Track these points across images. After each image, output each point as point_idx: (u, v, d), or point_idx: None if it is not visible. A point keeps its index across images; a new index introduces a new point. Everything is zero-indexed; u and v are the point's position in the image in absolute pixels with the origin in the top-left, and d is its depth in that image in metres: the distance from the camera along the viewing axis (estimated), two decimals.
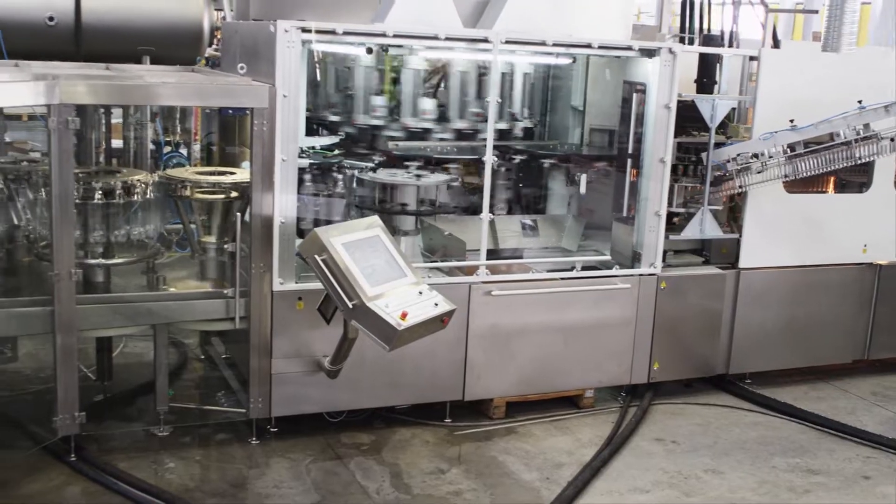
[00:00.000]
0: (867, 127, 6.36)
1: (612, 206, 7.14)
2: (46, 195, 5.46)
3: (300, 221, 6.20)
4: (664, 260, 6.83)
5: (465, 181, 7.00)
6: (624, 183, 6.90)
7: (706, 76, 7.24)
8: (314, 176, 6.47)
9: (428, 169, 6.72)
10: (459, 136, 6.92)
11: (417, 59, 6.76)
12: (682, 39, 8.71)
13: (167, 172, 6.15)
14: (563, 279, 6.53)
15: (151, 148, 8.97)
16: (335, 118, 6.95)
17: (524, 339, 6.44)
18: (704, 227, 6.83)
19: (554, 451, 6.11)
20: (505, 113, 7.12)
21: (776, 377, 7.45)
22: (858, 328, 7.57)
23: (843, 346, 7.55)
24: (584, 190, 7.11)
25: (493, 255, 6.77)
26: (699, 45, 7.44)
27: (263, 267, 5.72)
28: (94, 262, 5.75)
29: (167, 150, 9.48)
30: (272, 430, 6.05)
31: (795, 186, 7.04)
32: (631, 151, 6.79)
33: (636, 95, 6.69)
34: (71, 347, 5.37)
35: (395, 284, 5.31)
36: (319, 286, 5.30)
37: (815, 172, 6.57)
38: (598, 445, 6.19)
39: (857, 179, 7.52)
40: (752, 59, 6.98)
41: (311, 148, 6.72)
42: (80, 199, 5.51)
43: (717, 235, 6.92)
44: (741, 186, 6.76)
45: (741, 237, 7.02)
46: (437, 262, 6.50)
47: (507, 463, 5.92)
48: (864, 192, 7.44)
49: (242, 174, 6.08)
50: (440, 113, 6.91)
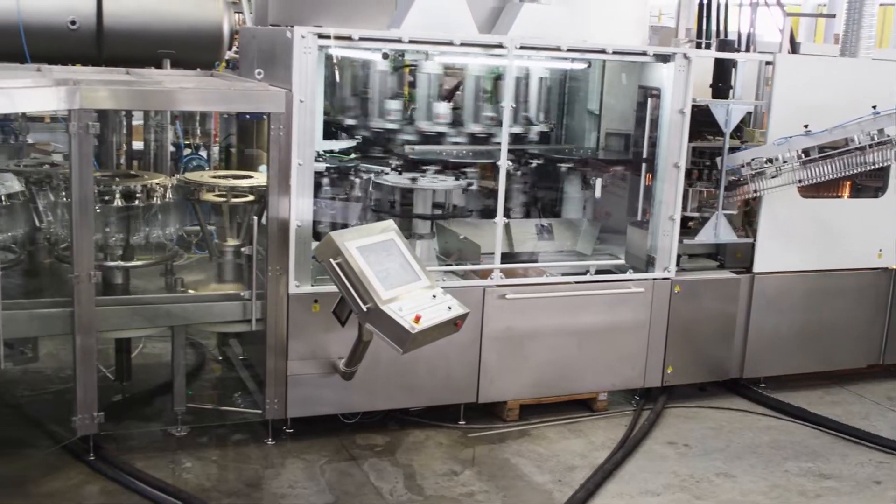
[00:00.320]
0: (881, 132, 6.37)
1: (627, 210, 7.18)
2: (67, 198, 5.54)
3: (318, 225, 6.29)
4: (679, 264, 6.87)
5: (480, 185, 7.05)
6: (639, 187, 6.93)
7: (722, 81, 7.25)
8: (331, 179, 6.54)
9: (443, 173, 6.77)
10: (474, 140, 6.97)
11: (433, 63, 6.81)
12: (698, 44, 8.74)
13: (185, 176, 6.23)
14: (576, 283, 6.57)
15: (171, 150, 9.08)
16: (352, 122, 7.02)
17: (538, 341, 6.48)
18: (719, 231, 6.84)
19: (567, 453, 6.16)
20: (520, 117, 7.18)
21: (791, 381, 7.46)
22: (873, 333, 7.57)
23: (857, 350, 7.55)
24: (599, 194, 7.14)
25: (508, 258, 6.83)
26: (715, 49, 7.43)
27: (280, 270, 5.79)
28: (113, 264, 5.83)
29: (187, 152, 9.57)
30: (288, 430, 6.12)
31: (810, 191, 7.06)
32: (646, 156, 6.82)
33: (651, 100, 6.72)
34: (90, 348, 5.46)
35: (409, 288, 5.36)
36: (335, 289, 5.36)
37: (829, 177, 6.60)
38: (610, 448, 6.22)
39: (872, 184, 7.52)
40: (768, 63, 7.01)
41: (327, 152, 6.81)
42: (99, 202, 5.58)
43: (731, 240, 6.94)
44: (756, 191, 6.78)
45: (755, 242, 7.04)
46: (451, 265, 6.55)
47: (519, 465, 5.96)
48: (879, 196, 7.44)
49: (259, 178, 6.15)
50: (455, 117, 6.98)
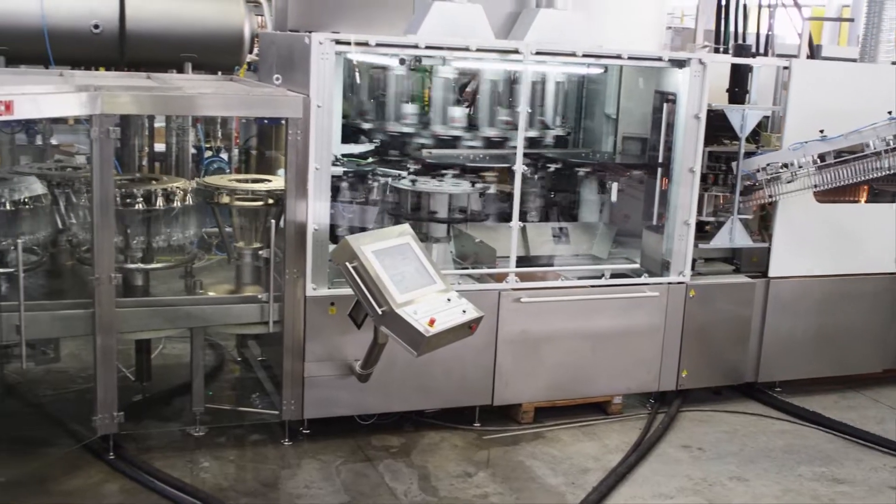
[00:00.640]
0: None
1: (642, 214, 7.21)
2: (88, 201, 5.64)
3: (336, 228, 6.37)
4: (694, 268, 6.90)
5: (496, 188, 7.10)
6: (654, 191, 6.96)
7: (738, 85, 7.25)
8: (348, 183, 6.61)
9: (460, 176, 6.82)
10: (491, 144, 7.03)
11: (450, 68, 6.87)
12: (716, 49, 8.75)
13: (205, 180, 6.31)
14: (591, 286, 6.61)
15: (193, 152, 9.20)
16: (370, 125, 7.09)
17: (553, 345, 6.52)
18: (734, 235, 6.86)
19: (580, 456, 6.20)
20: (536, 121, 7.23)
21: (806, 386, 7.46)
22: (889, 338, 7.56)
23: (873, 355, 7.55)
24: (614, 198, 7.17)
25: (524, 261, 6.89)
26: (732, 54, 7.44)
27: (297, 273, 5.86)
28: (133, 266, 5.92)
29: (208, 154, 9.69)
30: (304, 431, 6.19)
31: (826, 195, 7.05)
32: (661, 160, 6.84)
33: (667, 105, 6.76)
34: (110, 349, 5.55)
35: (424, 291, 5.41)
36: (351, 292, 5.41)
37: (844, 183, 6.60)
38: (624, 451, 6.26)
39: (890, 189, 7.50)
40: (785, 68, 7.02)
41: (345, 155, 6.88)
42: (120, 205, 5.67)
43: (746, 244, 6.96)
44: (771, 196, 6.80)
45: (771, 246, 7.06)
46: (467, 268, 6.61)
47: (533, 467, 6.01)
48: None
49: (277, 182, 6.22)
50: (472, 121, 7.04)
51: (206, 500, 5.37)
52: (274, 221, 5.93)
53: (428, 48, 6.01)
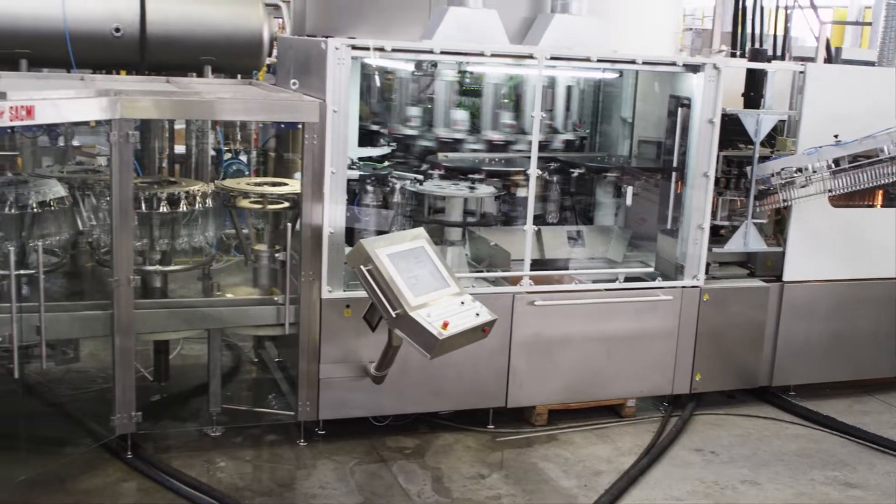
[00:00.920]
0: None
1: (657, 217, 7.24)
2: (107, 204, 5.72)
3: (354, 232, 6.43)
4: (709, 272, 6.92)
5: (511, 192, 7.14)
6: (669, 195, 6.99)
7: (753, 90, 7.26)
8: (364, 187, 6.67)
9: (477, 180, 6.87)
10: (508, 147, 7.09)
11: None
12: (733, 53, 8.77)
13: (223, 183, 6.39)
14: (605, 290, 6.65)
15: (212, 154, 9.28)
16: (387, 129, 7.16)
17: (567, 348, 6.57)
18: (748, 240, 6.88)
19: (593, 458, 6.24)
20: (556, 124, 7.29)
21: (821, 390, 7.47)
22: None
23: (888, 360, 7.53)
24: (629, 201, 7.20)
25: (539, 265, 6.93)
26: (748, 59, 7.47)
27: (313, 275, 5.93)
28: (151, 268, 6.00)
29: (227, 156, 9.76)
30: (320, 432, 6.25)
31: (841, 200, 7.07)
32: (676, 164, 6.87)
33: (681, 110, 6.78)
34: (129, 350, 5.63)
35: (437, 295, 5.46)
36: (366, 294, 5.46)
37: (859, 187, 6.61)
38: (637, 454, 6.29)
39: None
40: (801, 72, 7.03)
41: (362, 159, 6.94)
42: (139, 208, 5.75)
43: (760, 248, 6.98)
44: (785, 200, 6.81)
45: (785, 250, 7.07)
46: (482, 271, 6.66)
47: (546, 469, 6.06)
48: None
49: (294, 185, 6.29)
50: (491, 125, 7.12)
51: (221, 499, 5.45)
52: (290, 224, 6.00)
53: (443, 53, 6.07)
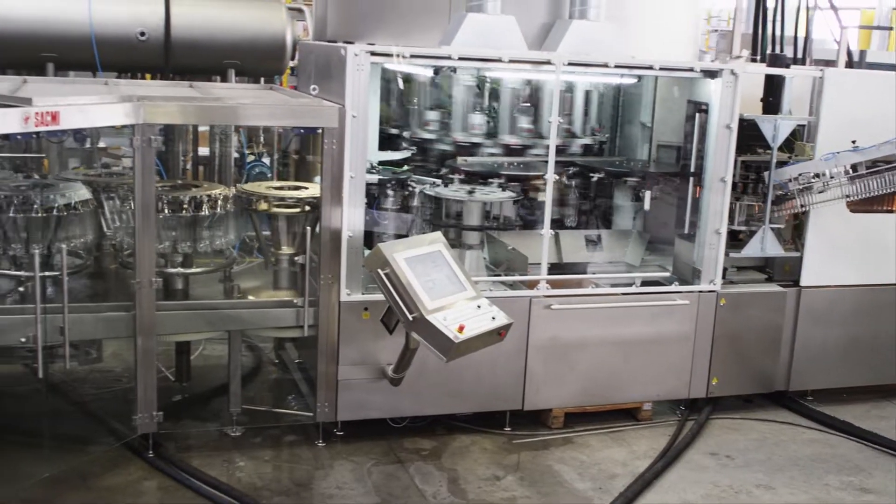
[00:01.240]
0: None
1: (675, 222, 7.27)
2: (131, 207, 5.83)
3: (374, 235, 6.51)
4: (726, 276, 6.95)
5: (530, 196, 7.20)
6: (687, 200, 7.02)
7: (772, 95, 7.29)
8: (383, 191, 6.75)
9: (495, 184, 6.93)
10: (526, 152, 7.15)
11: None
12: (754, 57, 8.79)
13: (244, 187, 6.47)
14: (622, 294, 6.69)
15: (235, 157, 9.38)
16: (407, 133, 7.23)
17: (583, 351, 6.61)
18: (765, 245, 6.90)
19: (609, 461, 6.28)
20: (575, 128, 7.34)
21: (839, 395, 7.47)
22: None
23: None
24: (647, 206, 7.24)
25: (557, 268, 6.97)
26: (767, 64, 7.48)
27: (332, 278, 6.00)
28: (173, 270, 6.10)
29: (250, 159, 9.87)
30: (338, 433, 6.33)
31: (860, 205, 7.06)
32: (694, 169, 6.90)
33: (699, 115, 6.81)
34: (150, 350, 5.73)
35: (454, 298, 5.52)
36: (384, 298, 5.54)
37: (877, 193, 6.62)
38: (652, 458, 6.33)
39: None
40: (820, 77, 7.03)
41: (382, 163, 7.02)
42: (161, 211, 5.85)
43: (778, 253, 6.99)
44: (803, 206, 6.82)
45: (803, 255, 7.08)
46: (499, 275, 6.72)
47: (561, 472, 6.11)
48: None
49: (314, 189, 6.37)
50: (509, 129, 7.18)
51: (240, 498, 5.53)
52: (309, 228, 6.08)
53: (461, 59, 6.13)
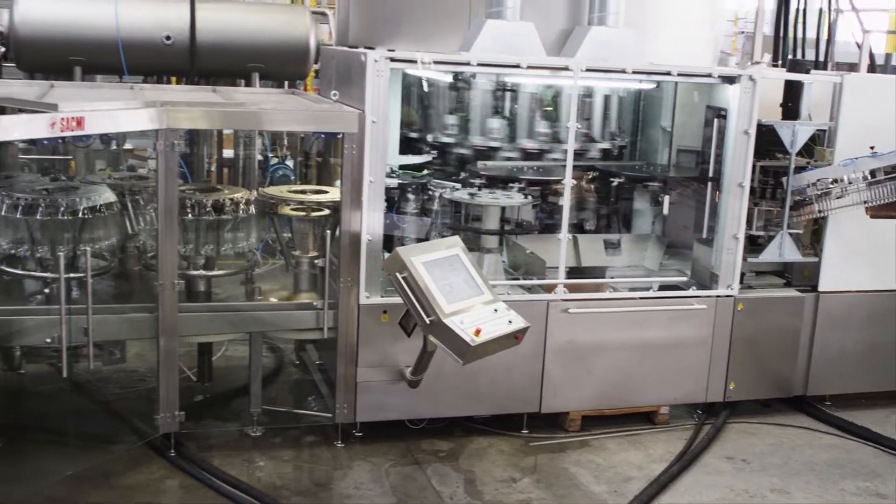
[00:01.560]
0: None
1: (694, 226, 7.30)
2: (154, 210, 5.93)
3: (393, 239, 6.58)
4: (745, 281, 6.97)
5: (549, 200, 7.25)
6: (705, 204, 7.05)
7: (792, 100, 7.28)
8: (403, 195, 6.82)
9: (515, 189, 6.99)
10: (544, 156, 7.20)
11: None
12: (775, 62, 8.80)
13: (265, 190, 6.57)
14: (639, 298, 6.73)
15: (259, 159, 9.48)
16: (428, 137, 7.30)
17: (601, 355, 6.65)
18: (783, 250, 6.92)
19: (625, 464, 6.32)
20: (595, 133, 7.39)
21: (858, 400, 7.47)
22: None
23: None
24: (666, 210, 7.28)
25: (575, 272, 7.03)
26: (786, 69, 7.48)
27: (351, 281, 6.08)
28: (195, 273, 6.20)
29: (274, 161, 9.96)
30: (357, 434, 6.41)
31: (879, 211, 7.03)
32: (712, 174, 6.93)
33: (718, 120, 6.84)
34: (172, 351, 5.83)
35: (471, 302, 5.59)
36: (402, 301, 5.61)
37: (895, 199, 6.62)
38: (668, 461, 6.36)
39: None
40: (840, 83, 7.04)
41: (401, 167, 7.09)
42: (184, 215, 5.95)
43: (796, 258, 7.01)
44: (821, 211, 6.83)
45: (821, 260, 7.10)
46: (517, 279, 6.78)
47: (577, 475, 6.15)
48: None
49: (334, 193, 6.46)
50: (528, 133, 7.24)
51: (260, 498, 5.61)
52: (329, 231, 6.16)
53: (480, 65, 6.20)
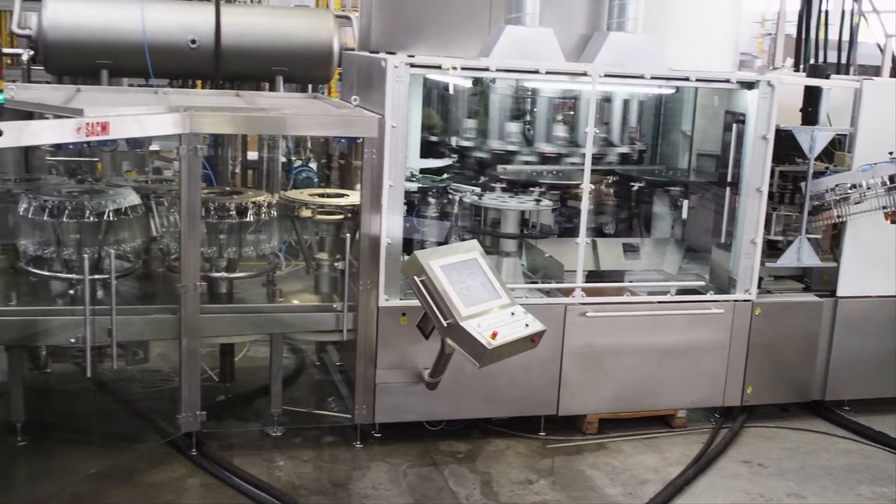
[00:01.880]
0: None
1: (712, 231, 7.33)
2: (177, 213, 6.03)
3: (413, 242, 6.66)
4: (763, 286, 6.99)
5: (569, 204, 7.30)
6: (724, 209, 7.08)
7: (812, 105, 7.29)
8: (422, 198, 6.89)
9: (532, 192, 7.04)
10: (562, 160, 7.27)
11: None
12: (796, 66, 8.80)
13: (286, 194, 6.66)
14: (657, 302, 6.76)
15: (283, 161, 9.59)
16: (449, 141, 7.37)
17: (618, 358, 6.69)
18: (802, 255, 6.94)
19: (641, 467, 6.37)
20: (615, 137, 7.44)
21: (877, 405, 7.45)
22: None
23: None
24: (685, 215, 7.31)
25: (594, 276, 7.08)
26: (806, 74, 7.49)
27: (371, 284, 6.16)
28: (217, 275, 6.29)
29: (298, 164, 10.06)
30: (376, 435, 6.49)
31: None
32: (731, 179, 6.96)
33: (736, 125, 6.87)
34: (194, 352, 5.92)
35: (488, 305, 5.64)
36: (420, 304, 5.68)
37: None
38: (685, 465, 6.39)
39: None
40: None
41: (423, 171, 7.16)
42: (206, 218, 6.05)
43: (814, 263, 7.03)
44: (839, 216, 6.85)
45: (839, 265, 7.11)
46: (536, 282, 6.83)
47: (593, 477, 6.20)
48: None
49: (354, 196, 6.54)
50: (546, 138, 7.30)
51: (279, 497, 5.69)
52: (349, 235, 6.24)
53: (499, 71, 6.27)
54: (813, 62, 8.62)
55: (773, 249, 7.08)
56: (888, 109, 6.90)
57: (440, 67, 6.07)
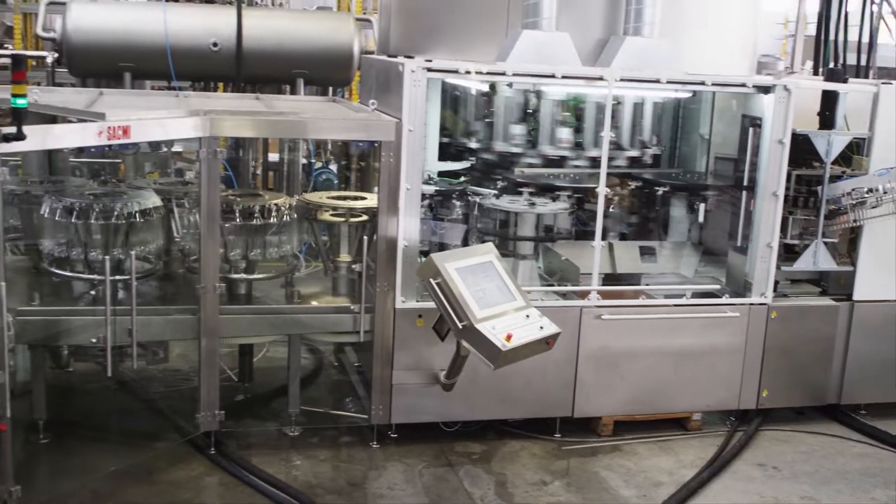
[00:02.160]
0: None
1: (729, 235, 7.35)
2: (197, 214, 6.11)
3: (431, 245, 6.72)
4: (779, 289, 7.01)
5: (585, 207, 7.33)
6: (740, 213, 7.10)
7: (829, 109, 7.30)
8: (439, 202, 6.95)
9: (549, 195, 7.08)
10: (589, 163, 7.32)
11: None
12: (815, 70, 8.78)
13: (305, 197, 6.73)
14: (672, 305, 6.80)
15: (303, 163, 9.67)
16: (467, 144, 7.42)
17: (633, 361, 6.73)
18: (818, 258, 6.94)
19: (655, 470, 6.40)
20: (636, 141, 7.48)
21: (893, 409, 7.43)
22: None
23: None
24: (702, 218, 7.34)
25: (610, 279, 7.12)
26: (824, 78, 7.50)
27: (387, 286, 6.22)
28: (236, 276, 6.38)
29: (318, 166, 10.15)
30: (392, 435, 6.55)
31: None
32: (747, 183, 6.98)
33: (753, 129, 6.88)
34: (214, 352, 6.01)
35: (503, 308, 5.69)
36: (436, 306, 5.74)
37: None
38: (699, 467, 6.41)
39: None
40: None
41: (440, 174, 7.22)
42: (225, 220, 6.12)
43: (830, 267, 7.03)
44: (856, 220, 6.86)
45: (856, 269, 7.11)
46: (552, 285, 6.87)
47: (608, 479, 6.24)
48: None
49: (372, 199, 6.60)
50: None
51: (296, 496, 5.76)
52: (367, 237, 6.31)
53: (516, 75, 6.31)
54: (831, 65, 8.60)
55: (789, 253, 7.09)
56: None
57: (457, 72, 6.13)
